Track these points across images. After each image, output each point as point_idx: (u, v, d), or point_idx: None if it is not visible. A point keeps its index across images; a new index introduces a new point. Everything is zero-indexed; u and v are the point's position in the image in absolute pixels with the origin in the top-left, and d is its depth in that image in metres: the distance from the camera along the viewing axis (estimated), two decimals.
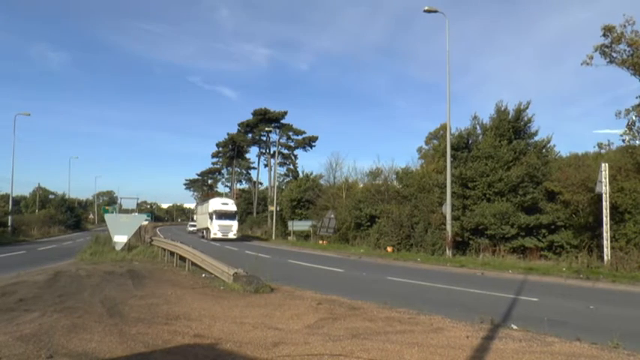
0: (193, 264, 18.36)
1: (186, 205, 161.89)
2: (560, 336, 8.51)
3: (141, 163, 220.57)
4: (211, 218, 51.98)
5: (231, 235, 51.38)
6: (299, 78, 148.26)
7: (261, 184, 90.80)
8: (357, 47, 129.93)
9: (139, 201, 78.40)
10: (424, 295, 15.09)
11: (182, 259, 20.03)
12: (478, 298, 14.41)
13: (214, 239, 49.69)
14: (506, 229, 27.50)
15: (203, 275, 16.53)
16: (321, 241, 44.49)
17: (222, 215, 51.92)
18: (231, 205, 54.59)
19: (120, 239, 25.20)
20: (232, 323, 9.10)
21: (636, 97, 25.26)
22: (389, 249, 33.38)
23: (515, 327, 9.38)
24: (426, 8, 27.54)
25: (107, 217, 28.75)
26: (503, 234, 27.41)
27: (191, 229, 77.65)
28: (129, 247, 25.36)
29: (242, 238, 56.92)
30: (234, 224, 52.38)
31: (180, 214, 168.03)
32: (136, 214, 42.59)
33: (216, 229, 51.22)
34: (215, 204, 53.81)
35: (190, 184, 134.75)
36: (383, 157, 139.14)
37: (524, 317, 10.72)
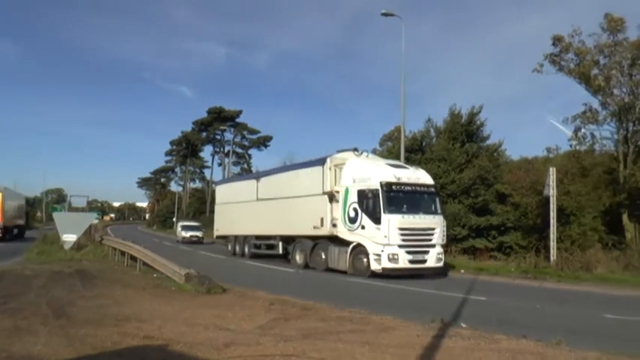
0: (145, 264, 18.01)
1: (139, 204, 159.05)
2: (508, 334, 8.74)
3: (92, 161, 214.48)
4: (374, 211, 19.42)
5: (435, 263, 19.84)
6: (256, 77, 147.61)
7: (214, 183, 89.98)
8: (315, 48, 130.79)
9: (90, 199, 75.92)
10: (377, 296, 15.30)
11: (133, 258, 19.62)
12: (429, 298, 14.70)
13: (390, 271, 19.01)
14: (458, 230, 28.05)
15: (154, 275, 16.23)
16: None
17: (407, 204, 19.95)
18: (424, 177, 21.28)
19: (69, 238, 24.46)
20: (183, 324, 8.98)
21: (582, 105, 26.29)
22: None
23: (464, 326, 9.60)
24: (383, 12, 27.77)
25: (55, 215, 27.96)
26: (455, 235, 27.95)
27: (188, 235, 46.11)
28: (78, 246, 24.65)
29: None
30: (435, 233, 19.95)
31: (132, 213, 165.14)
32: (87, 212, 41.56)
33: (396, 238, 18.96)
34: (384, 172, 20.26)
35: (143, 183, 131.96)
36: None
37: (473, 316, 10.98)
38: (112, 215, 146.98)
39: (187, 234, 46.22)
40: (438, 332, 8.68)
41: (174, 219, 76.74)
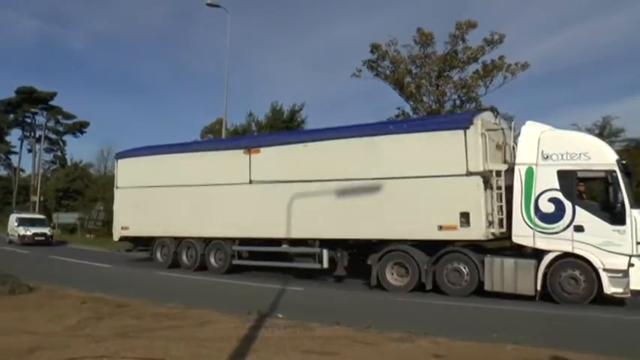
0: None
1: None
2: (323, 322, 9.25)
3: None
4: (607, 205, 12.82)
5: None
6: (73, 58, 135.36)
7: (23, 170, 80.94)
8: (137, 31, 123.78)
9: None
10: (196, 289, 15.16)
11: None
12: (248, 290, 14.90)
13: None
14: None
15: None
16: (88, 235, 41.56)
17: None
18: None
19: None
20: None
21: (396, 109, 28.49)
22: None
23: (281, 316, 9.94)
24: (208, 2, 27.45)
25: None
26: None
27: (32, 232, 33.84)
28: None
29: None
30: None
31: None
32: None
33: None
34: (606, 146, 14.10)
35: None
36: None
37: (290, 306, 11.38)
38: None
39: (30, 231, 33.42)
40: (255, 324, 8.92)
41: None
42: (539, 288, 12.85)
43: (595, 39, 60.75)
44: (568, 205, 12.96)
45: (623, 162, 13.07)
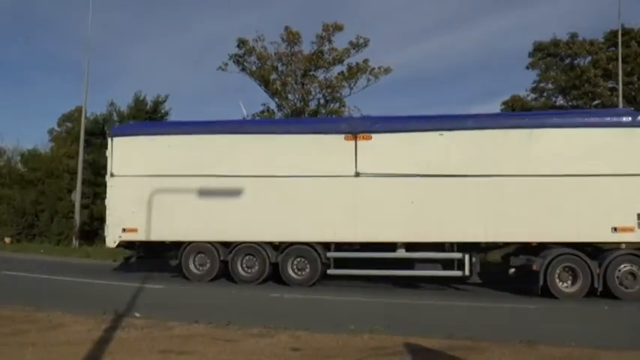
0: None
1: None
2: (182, 320, 9.16)
3: None
4: None
5: None
6: None
7: None
8: None
9: None
10: (49, 290, 14.20)
11: None
12: (106, 289, 14.30)
13: None
14: None
15: None
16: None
17: None
18: None
19: None
20: None
21: (261, 105, 28.66)
22: (7, 240, 29.92)
23: (138, 315, 9.69)
24: None
25: None
26: None
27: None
28: None
29: None
30: None
31: None
32: None
33: None
34: None
35: None
36: (7, 136, 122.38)
37: (149, 305, 11.09)
38: None
39: None
40: (111, 325, 8.60)
41: None
42: None
43: (453, 49, 65.70)
44: None
45: None
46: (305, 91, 28.08)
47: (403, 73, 65.90)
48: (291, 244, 14.86)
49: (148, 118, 31.55)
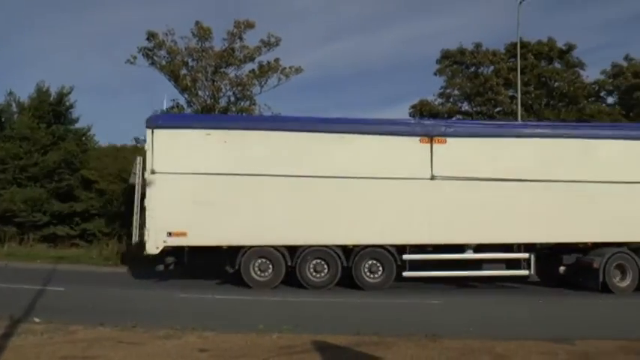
0: None
1: None
2: (86, 323, 8.80)
3: None
4: None
5: None
6: None
7: None
8: None
9: None
10: None
11: None
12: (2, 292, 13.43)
13: None
14: (38, 216, 26.22)
15: None
16: None
17: None
18: None
19: None
20: None
21: (171, 100, 27.97)
22: None
23: (37, 320, 9.20)
24: None
25: None
26: (35, 222, 26.06)
27: None
28: None
29: None
30: None
31: None
32: None
33: None
34: None
35: None
36: None
37: (50, 308, 10.56)
38: None
39: None
40: (6, 331, 8.10)
41: None
42: None
43: (364, 52, 66.95)
44: None
45: None
46: (215, 88, 27.67)
47: (314, 74, 66.44)
48: (365, 246, 14.45)
49: (51, 110, 29.92)
